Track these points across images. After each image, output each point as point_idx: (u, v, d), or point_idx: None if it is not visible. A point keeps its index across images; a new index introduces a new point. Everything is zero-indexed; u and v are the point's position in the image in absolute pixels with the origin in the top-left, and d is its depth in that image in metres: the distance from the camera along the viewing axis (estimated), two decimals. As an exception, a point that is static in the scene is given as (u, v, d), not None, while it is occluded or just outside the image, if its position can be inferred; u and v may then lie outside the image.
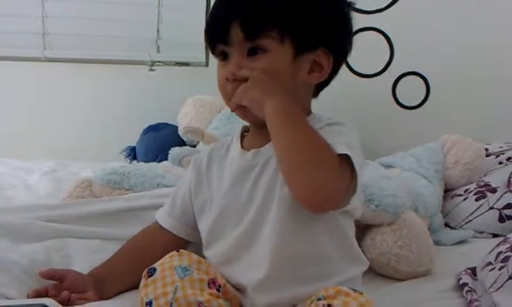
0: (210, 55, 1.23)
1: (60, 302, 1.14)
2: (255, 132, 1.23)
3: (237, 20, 1.13)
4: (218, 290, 1.06)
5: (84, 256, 1.36)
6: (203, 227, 1.23)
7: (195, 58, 2.76)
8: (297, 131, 1.05)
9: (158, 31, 2.78)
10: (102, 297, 1.22)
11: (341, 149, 1.05)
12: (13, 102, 2.82)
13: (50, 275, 1.22)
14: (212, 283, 1.06)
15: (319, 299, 1.01)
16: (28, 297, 1.18)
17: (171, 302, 1.00)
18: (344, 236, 1.16)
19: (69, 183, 1.86)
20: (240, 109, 1.14)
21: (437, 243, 1.70)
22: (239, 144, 1.23)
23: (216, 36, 1.17)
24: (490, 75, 2.58)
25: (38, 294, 1.18)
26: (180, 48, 2.79)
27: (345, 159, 1.05)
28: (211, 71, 1.27)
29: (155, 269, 1.07)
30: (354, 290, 1.03)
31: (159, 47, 2.77)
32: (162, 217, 1.33)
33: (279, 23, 1.13)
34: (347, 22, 1.23)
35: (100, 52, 2.76)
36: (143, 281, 1.07)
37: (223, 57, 1.18)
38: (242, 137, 1.26)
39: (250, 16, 1.13)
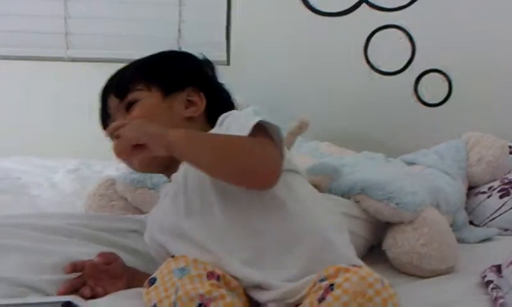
0: (232, 52, 1.42)
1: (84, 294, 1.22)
2: (169, 172, 1.36)
3: (111, 92, 1.40)
4: (218, 280, 1.07)
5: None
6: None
7: (216, 56, 2.75)
8: (207, 143, 1.17)
9: (179, 30, 2.79)
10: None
11: (249, 124, 1.17)
12: (36, 101, 2.84)
13: (105, 258, 1.31)
14: (210, 275, 1.07)
15: (321, 281, 1.03)
16: (65, 270, 1.26)
17: (174, 302, 1.01)
18: (299, 191, 1.25)
19: (93, 182, 1.88)
20: (137, 160, 1.27)
21: (461, 241, 1.69)
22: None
23: (103, 116, 1.42)
24: (514, 72, 2.57)
25: (75, 267, 1.27)
26: (201, 47, 2.79)
27: (258, 130, 1.17)
28: (232, 70, 1.34)
29: (155, 279, 1.08)
30: (353, 266, 1.05)
31: (180, 47, 2.78)
32: None
33: (143, 78, 1.38)
34: (205, 68, 1.50)
35: (122, 51, 2.77)
36: (144, 291, 1.09)
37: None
38: None
39: (119, 82, 1.41)
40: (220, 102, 1.46)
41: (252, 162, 1.14)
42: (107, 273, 1.28)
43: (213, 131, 1.31)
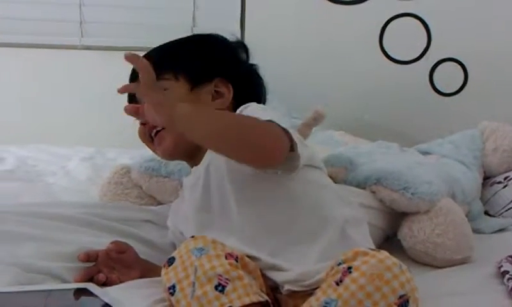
0: (246, 40, 1.51)
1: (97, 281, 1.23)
2: (192, 162, 1.38)
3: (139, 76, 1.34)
4: (236, 261, 1.07)
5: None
6: None
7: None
8: (211, 117, 1.16)
9: (194, 18, 2.78)
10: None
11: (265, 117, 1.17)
12: (50, 89, 2.85)
13: (117, 247, 1.30)
14: (229, 255, 1.07)
15: (339, 264, 1.03)
16: (78, 256, 1.26)
17: (193, 282, 1.02)
18: (319, 186, 1.28)
19: (107, 170, 1.89)
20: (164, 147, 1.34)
21: (476, 231, 1.68)
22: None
23: (131, 100, 1.38)
24: (530, 61, 2.55)
25: (89, 257, 1.27)
26: (215, 35, 2.79)
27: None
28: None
29: (174, 258, 1.09)
30: (371, 250, 1.06)
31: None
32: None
33: (171, 67, 1.37)
34: (235, 54, 1.47)
35: (136, 39, 2.77)
36: (163, 271, 1.09)
37: None
38: None
39: None
40: (248, 92, 1.43)
41: (255, 137, 1.13)
42: (120, 262, 1.29)
43: None
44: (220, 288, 1.01)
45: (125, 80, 2.91)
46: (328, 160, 1.60)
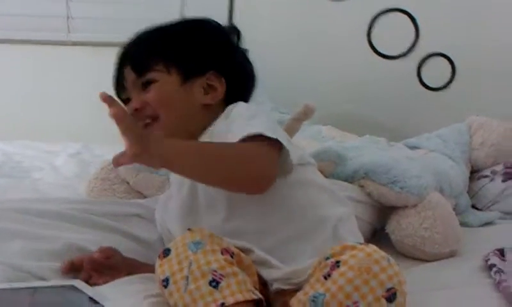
0: None
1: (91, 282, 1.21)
2: None
3: (128, 64, 1.33)
4: (232, 257, 1.07)
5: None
6: None
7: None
8: (195, 155, 1.09)
9: (182, 13, 2.78)
10: None
11: (246, 131, 1.12)
12: (38, 85, 2.84)
13: (105, 252, 1.28)
14: (225, 251, 1.07)
15: (327, 259, 1.04)
16: (62, 271, 1.23)
17: (187, 276, 1.02)
18: (311, 185, 1.25)
19: (95, 166, 1.88)
20: None
21: (464, 224, 1.69)
22: None
23: (118, 85, 1.35)
24: (517, 56, 2.55)
25: (72, 266, 1.24)
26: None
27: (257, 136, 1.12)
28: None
29: (169, 250, 1.08)
30: (360, 244, 1.06)
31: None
32: None
33: (162, 57, 1.31)
34: (229, 43, 1.40)
35: (124, 35, 2.75)
36: (157, 262, 1.09)
37: (128, 101, 1.33)
38: None
39: (137, 57, 1.33)
40: (240, 84, 1.39)
41: (239, 169, 1.11)
42: (107, 266, 1.26)
43: (218, 122, 1.28)
44: (214, 283, 1.01)
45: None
46: (317, 155, 1.60)
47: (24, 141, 2.53)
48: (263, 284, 1.14)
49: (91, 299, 1.11)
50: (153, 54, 1.31)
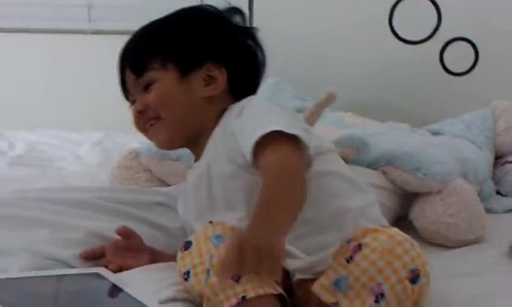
0: (255, 19, 1.36)
1: (115, 268, 1.21)
2: (199, 149, 1.29)
3: (127, 66, 1.30)
4: None
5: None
6: None
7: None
8: (273, 213, 1.01)
9: (202, 1, 2.77)
10: None
11: (266, 128, 1.08)
12: (59, 74, 2.85)
13: (124, 232, 1.28)
14: None
15: (348, 242, 1.03)
16: (81, 257, 1.23)
17: (208, 269, 1.02)
18: (331, 175, 1.20)
19: (117, 154, 1.89)
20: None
21: (488, 211, 1.68)
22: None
23: (123, 89, 1.33)
24: (541, 39, 2.52)
25: (93, 254, 1.24)
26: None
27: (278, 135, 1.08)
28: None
29: (190, 242, 1.08)
30: (382, 226, 1.06)
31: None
32: None
33: (159, 55, 1.27)
34: (227, 28, 1.33)
35: (144, 23, 2.76)
36: (179, 254, 1.09)
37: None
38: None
39: (134, 58, 1.30)
40: (244, 71, 1.33)
41: (299, 189, 1.06)
42: (129, 249, 1.26)
43: (230, 119, 1.23)
44: (235, 277, 0.99)
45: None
46: (340, 141, 1.59)
47: (47, 130, 2.54)
48: (286, 275, 1.13)
49: (115, 286, 1.12)
50: (149, 53, 1.28)
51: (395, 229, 1.04)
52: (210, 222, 1.12)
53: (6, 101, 2.77)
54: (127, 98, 1.33)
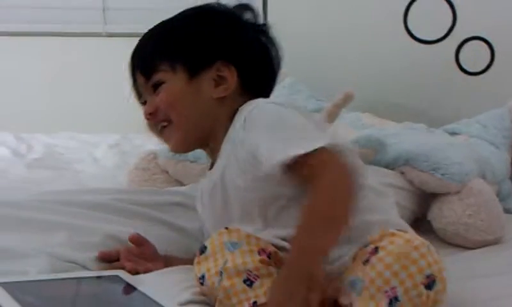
0: (269, 17, 1.33)
1: (130, 270, 1.20)
2: (214, 151, 1.27)
3: (137, 69, 1.28)
4: (269, 257, 1.06)
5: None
6: None
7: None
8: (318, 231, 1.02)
9: (218, 2, 2.78)
10: None
11: (299, 150, 1.05)
12: (75, 77, 2.87)
13: (136, 239, 1.28)
14: (262, 251, 1.06)
15: (365, 246, 1.03)
16: (99, 258, 1.23)
17: (221, 271, 1.03)
18: None
19: (134, 156, 1.90)
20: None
21: (507, 211, 1.67)
22: (208, 169, 1.30)
23: (135, 91, 1.31)
24: (558, 38, 2.50)
25: (110, 257, 1.24)
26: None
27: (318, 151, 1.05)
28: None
29: (205, 247, 1.08)
30: (399, 230, 1.05)
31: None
32: None
33: (166, 56, 1.24)
34: (238, 29, 1.29)
35: (159, 25, 2.77)
36: (195, 259, 1.09)
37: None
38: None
39: (143, 60, 1.28)
40: (255, 67, 1.28)
41: (345, 200, 1.04)
42: (142, 256, 1.26)
43: (237, 128, 1.18)
44: (248, 282, 1.00)
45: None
46: (358, 141, 1.59)
47: (64, 133, 2.56)
48: None
49: (134, 288, 1.12)
50: (157, 55, 1.26)
51: (413, 234, 1.04)
52: (226, 228, 1.11)
53: (23, 104, 2.79)
54: (139, 100, 1.32)
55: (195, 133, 1.26)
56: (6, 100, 2.82)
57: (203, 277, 1.06)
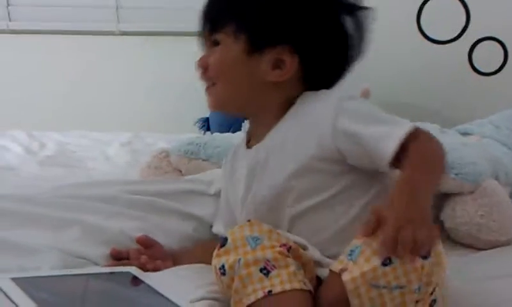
0: None
1: (140, 267, 1.19)
2: (255, 129, 1.24)
3: (206, 17, 1.20)
4: (289, 251, 1.05)
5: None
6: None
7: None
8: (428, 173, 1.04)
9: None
10: None
11: (400, 134, 1.06)
12: (88, 75, 2.88)
13: (143, 241, 1.27)
14: (283, 245, 1.04)
15: None
16: (111, 255, 1.23)
17: (239, 259, 1.01)
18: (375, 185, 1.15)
19: (146, 155, 1.90)
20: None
21: (519, 212, 1.66)
22: (245, 146, 1.25)
23: (201, 34, 1.23)
24: None
25: (120, 255, 1.24)
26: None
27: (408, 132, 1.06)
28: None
29: (226, 239, 1.07)
30: None
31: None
32: (216, 229, 1.35)
33: (235, 19, 1.16)
34: (324, 20, 1.18)
35: (173, 24, 2.78)
36: (215, 252, 1.07)
37: None
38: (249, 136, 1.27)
39: (211, 13, 1.20)
40: (323, 61, 1.19)
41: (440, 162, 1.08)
42: (151, 256, 1.25)
43: (325, 118, 1.12)
44: (265, 271, 0.99)
45: (161, 65, 2.94)
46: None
47: (77, 131, 2.57)
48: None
49: (146, 285, 1.12)
50: (227, 14, 1.18)
51: None
52: (249, 220, 1.11)
53: (36, 102, 2.81)
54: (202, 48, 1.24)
55: (235, 107, 1.23)
56: (18, 98, 2.84)
57: (223, 267, 1.03)
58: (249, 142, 1.25)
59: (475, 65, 2.62)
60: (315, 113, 1.14)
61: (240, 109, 1.25)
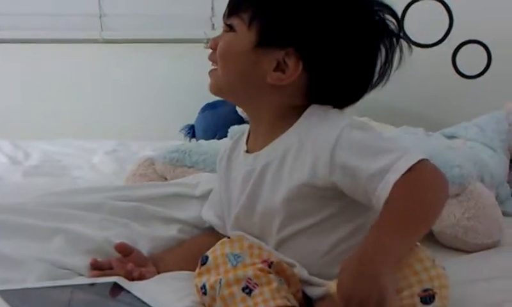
0: None
1: (126, 275, 1.18)
2: (254, 130, 1.21)
3: (229, 1, 1.17)
4: (270, 267, 1.05)
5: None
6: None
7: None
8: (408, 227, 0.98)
9: (212, 8, 2.78)
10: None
11: (405, 164, 1.02)
12: (72, 83, 2.87)
13: (123, 249, 1.25)
14: (264, 262, 1.05)
15: None
16: (91, 265, 1.21)
17: (220, 279, 1.02)
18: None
19: (131, 162, 1.89)
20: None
21: (504, 214, 1.66)
22: (244, 146, 1.22)
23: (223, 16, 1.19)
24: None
25: (101, 266, 1.21)
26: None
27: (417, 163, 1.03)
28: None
29: (207, 257, 1.08)
30: None
31: (213, 24, 2.76)
32: (207, 215, 1.34)
33: (253, 6, 1.12)
34: (346, 30, 1.11)
35: (156, 31, 2.77)
36: (197, 270, 1.09)
37: None
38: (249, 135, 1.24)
39: None
40: (332, 79, 1.12)
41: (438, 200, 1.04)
42: (133, 263, 1.23)
43: (324, 144, 1.06)
44: (247, 290, 0.99)
45: (146, 72, 2.93)
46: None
47: (61, 140, 2.56)
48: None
49: (132, 295, 1.11)
50: (246, 0, 1.14)
51: (420, 247, 1.02)
52: (228, 237, 1.11)
53: (20, 111, 2.79)
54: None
55: (231, 96, 1.21)
56: (1, 108, 2.82)
57: (204, 286, 1.04)
58: (248, 141, 1.22)
59: (459, 68, 2.63)
60: (319, 138, 1.08)
61: (236, 100, 1.25)
